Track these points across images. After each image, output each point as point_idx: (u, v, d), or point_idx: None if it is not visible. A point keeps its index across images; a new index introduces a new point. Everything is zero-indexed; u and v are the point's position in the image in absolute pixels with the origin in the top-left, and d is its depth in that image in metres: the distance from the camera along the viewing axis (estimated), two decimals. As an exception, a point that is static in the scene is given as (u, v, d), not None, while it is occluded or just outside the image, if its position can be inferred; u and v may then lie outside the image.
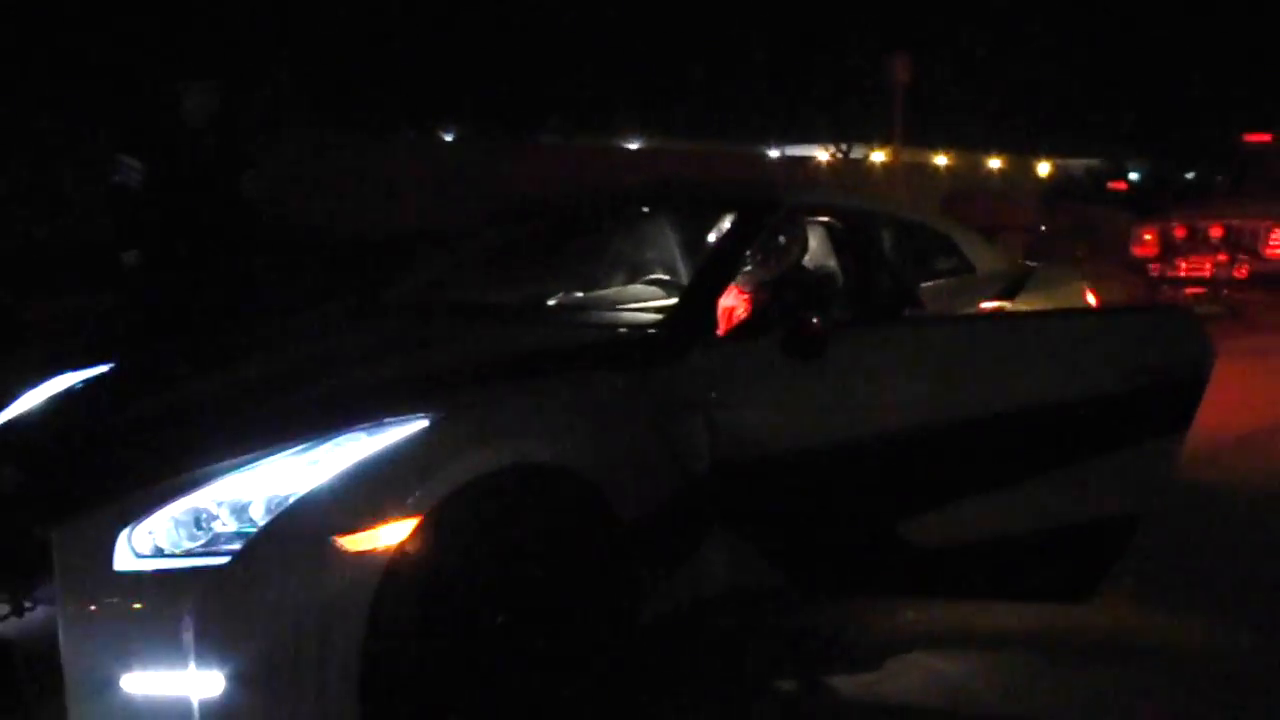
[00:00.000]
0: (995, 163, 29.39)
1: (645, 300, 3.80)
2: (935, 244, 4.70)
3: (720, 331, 3.61)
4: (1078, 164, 28.66)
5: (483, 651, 2.80)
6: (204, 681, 2.48)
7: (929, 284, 4.52)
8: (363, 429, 2.73)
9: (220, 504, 2.62)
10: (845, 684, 3.42)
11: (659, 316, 3.56)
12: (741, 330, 3.52)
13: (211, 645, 2.48)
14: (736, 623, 3.57)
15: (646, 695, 3.23)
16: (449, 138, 22.40)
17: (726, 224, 4.09)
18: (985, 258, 4.81)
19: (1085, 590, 3.31)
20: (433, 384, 3.00)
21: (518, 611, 2.85)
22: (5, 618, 2.71)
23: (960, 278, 4.67)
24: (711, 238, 4.07)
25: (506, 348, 3.34)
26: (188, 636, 2.48)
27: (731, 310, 3.91)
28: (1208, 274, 8.70)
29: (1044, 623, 3.65)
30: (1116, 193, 19.26)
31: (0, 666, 2.77)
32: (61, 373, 3.80)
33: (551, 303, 4.05)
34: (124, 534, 2.59)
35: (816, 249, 4.31)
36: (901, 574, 3.42)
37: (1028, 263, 5.57)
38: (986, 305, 4.52)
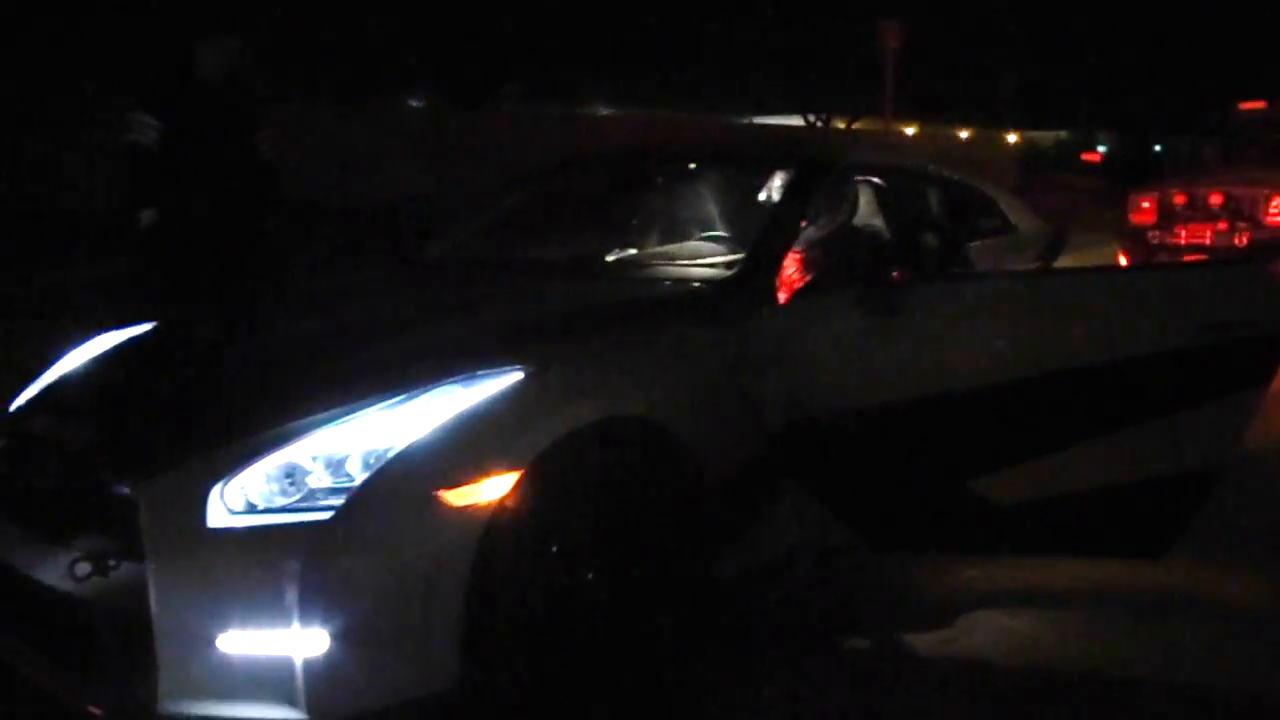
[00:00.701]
0: (964, 134, 29.48)
1: (704, 256, 3.74)
2: (978, 203, 4.67)
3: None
4: (1044, 136, 28.81)
5: (576, 605, 2.75)
6: (307, 639, 2.42)
7: (974, 243, 4.48)
8: (457, 381, 2.66)
9: (315, 458, 2.55)
10: (915, 640, 3.40)
11: (724, 273, 3.49)
12: (809, 287, 3.46)
13: (315, 602, 2.41)
14: (805, 579, 3.53)
15: (719, 649, 3.19)
16: (414, 105, 22.16)
17: (777, 181, 4.04)
18: (1025, 218, 4.79)
19: (1160, 547, 3.31)
20: (521, 337, 2.93)
21: (608, 565, 2.81)
22: (88, 577, 2.61)
23: (1003, 237, 4.65)
24: (763, 196, 4.02)
25: (583, 302, 3.28)
26: (291, 594, 2.41)
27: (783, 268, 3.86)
28: (1208, 241, 8.74)
29: (1112, 579, 3.65)
30: (1089, 164, 19.35)
31: (82, 629, 2.67)
32: (100, 333, 3.70)
33: (610, 259, 3.98)
34: (216, 489, 2.52)
35: (863, 208, 4.26)
36: (973, 531, 3.40)
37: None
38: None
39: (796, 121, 23.90)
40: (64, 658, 2.73)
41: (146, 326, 3.69)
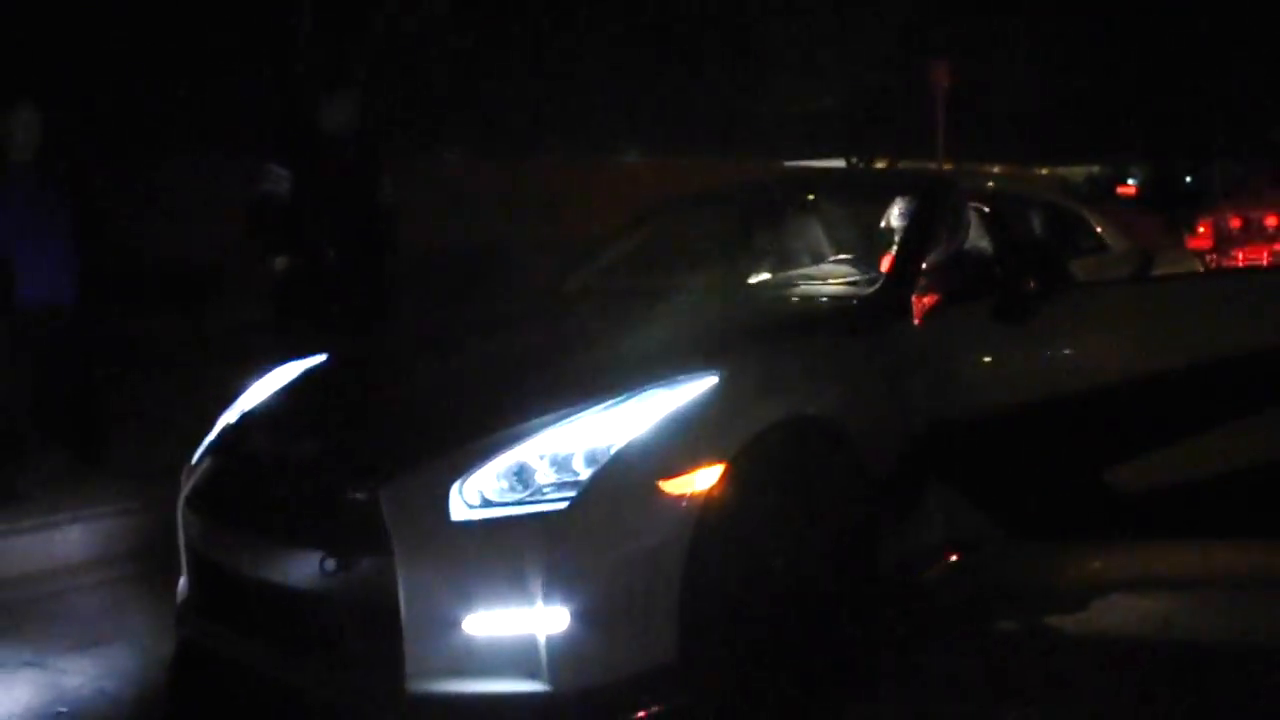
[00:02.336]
0: (995, 169, 29.74)
1: (839, 277, 4.03)
2: (1076, 225, 4.96)
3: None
4: (1075, 171, 29.04)
5: (769, 586, 3.01)
6: (549, 618, 2.68)
7: (1074, 261, 4.76)
8: (661, 385, 2.94)
9: (542, 457, 2.83)
10: (1056, 621, 3.65)
11: (867, 290, 3.78)
12: (947, 300, 3.75)
13: (557, 584, 2.67)
14: (951, 568, 3.78)
15: (881, 631, 3.43)
16: (448, 157, 22.54)
17: (897, 209, 4.33)
18: (1117, 238, 5.07)
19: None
20: (710, 346, 3.22)
21: (794, 549, 3.07)
22: (334, 572, 2.87)
23: (1099, 255, 4.93)
24: (888, 216, 4.31)
25: (752, 317, 3.58)
26: (533, 577, 2.68)
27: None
28: (1265, 261, 9.00)
29: (1237, 560, 3.88)
30: (1125, 197, 19.59)
31: (326, 624, 2.93)
32: (280, 364, 4.00)
33: (751, 282, 4.28)
34: (455, 487, 2.79)
35: (973, 230, 4.54)
36: (1107, 518, 3.65)
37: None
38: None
39: (838, 163, 24.27)
40: (307, 653, 2.98)
41: (321, 358, 3.99)
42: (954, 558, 3.58)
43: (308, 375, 3.80)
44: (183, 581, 3.52)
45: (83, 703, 3.46)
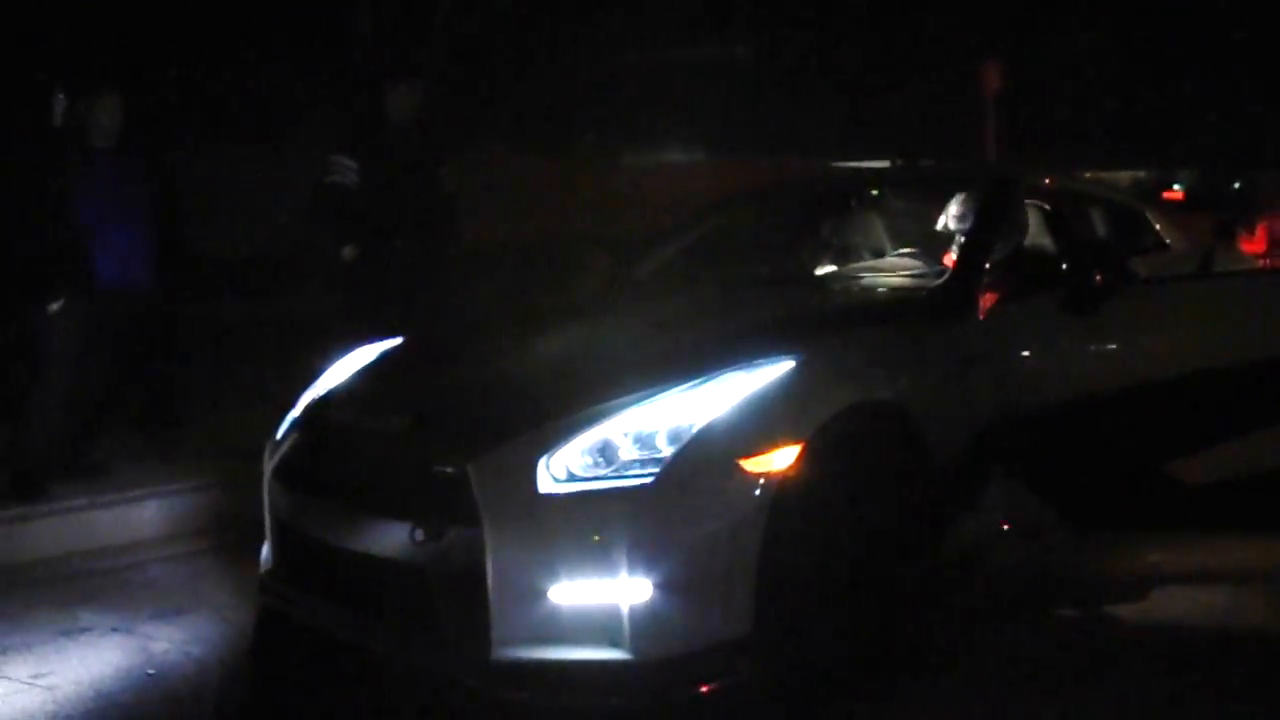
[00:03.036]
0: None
1: (904, 269, 4.12)
2: (1137, 222, 5.01)
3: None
4: (1120, 176, 28.83)
5: (838, 569, 3.11)
6: (634, 589, 2.78)
7: (1135, 258, 4.81)
8: (740, 368, 3.05)
9: (626, 434, 2.94)
10: (1116, 610, 3.72)
11: (934, 281, 3.87)
12: (1014, 292, 3.82)
13: (642, 556, 2.78)
14: (1015, 555, 3.86)
15: (938, 624, 3.52)
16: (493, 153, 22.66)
17: (956, 204, 4.40)
18: (1177, 237, 5.11)
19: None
20: (787, 332, 3.32)
21: (862, 535, 3.17)
22: (424, 543, 2.99)
23: (1160, 253, 4.97)
24: (945, 215, 4.38)
25: (824, 305, 3.68)
26: (618, 549, 2.79)
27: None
28: (1324, 263, 8.97)
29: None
30: (1173, 201, 19.44)
31: (414, 593, 3.04)
32: (357, 347, 4.13)
33: (819, 273, 4.37)
34: (542, 462, 2.91)
35: (1033, 227, 4.61)
36: (1168, 510, 3.72)
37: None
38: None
39: (883, 163, 24.26)
40: (393, 621, 3.11)
41: (397, 340, 4.12)
42: (1016, 546, 3.66)
43: (387, 356, 3.93)
44: (266, 551, 3.66)
45: (170, 666, 3.60)
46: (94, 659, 3.65)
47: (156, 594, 4.26)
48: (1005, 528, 3.64)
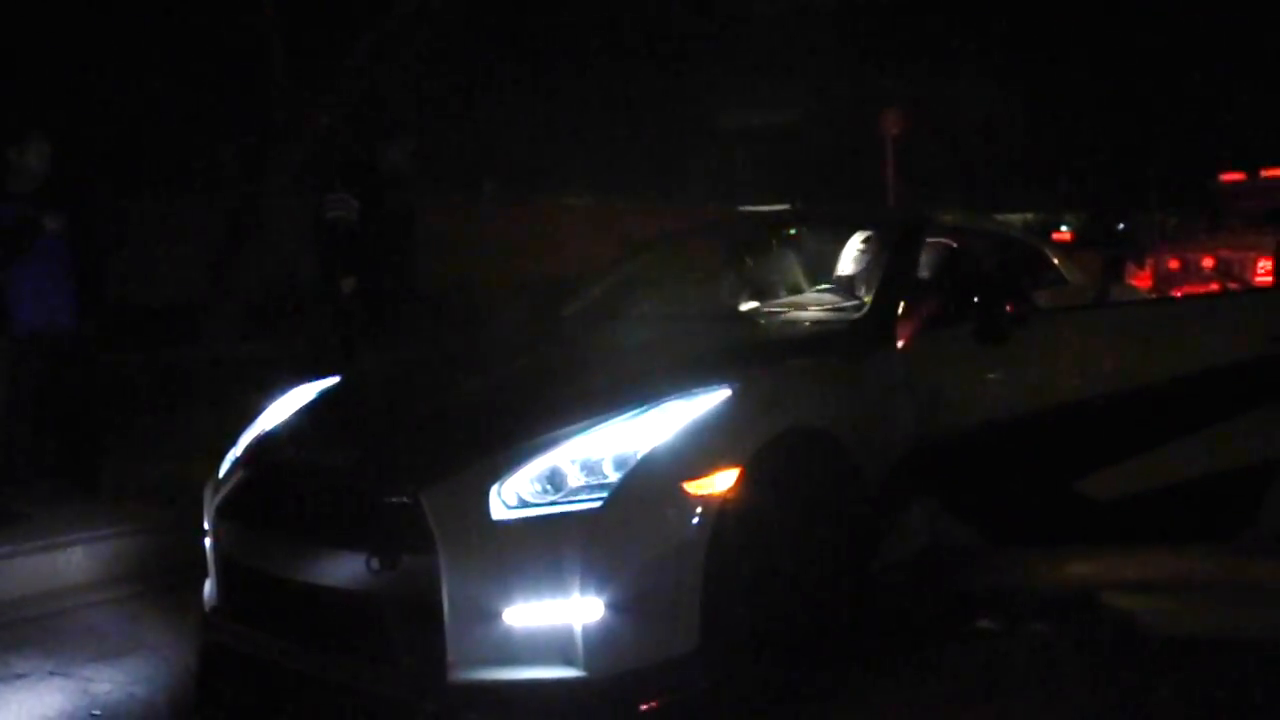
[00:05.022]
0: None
1: (824, 304, 4.33)
2: (1038, 259, 5.31)
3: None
4: (1012, 219, 29.81)
5: (777, 585, 3.26)
6: (586, 609, 2.90)
7: (1037, 292, 5.09)
8: (679, 396, 3.20)
9: (573, 461, 3.06)
10: (1036, 623, 3.92)
11: (854, 315, 4.08)
12: (929, 323, 4.04)
13: (593, 577, 2.90)
14: (934, 574, 4.05)
15: (871, 637, 3.69)
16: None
17: (859, 242, 4.65)
18: (1075, 273, 5.42)
19: (1232, 532, 3.88)
20: (720, 363, 3.48)
21: (798, 553, 3.33)
22: (378, 571, 3.06)
23: (1060, 287, 5.27)
24: (846, 256, 4.63)
25: (754, 338, 3.86)
26: (570, 570, 2.91)
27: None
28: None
29: (1193, 565, 4.19)
30: (1063, 243, 20.23)
31: (367, 620, 3.11)
32: (296, 385, 4.20)
33: (743, 309, 4.55)
34: (494, 490, 3.02)
35: (940, 263, 4.86)
36: (1079, 525, 3.96)
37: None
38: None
39: (784, 207, 24.81)
40: (349, 649, 3.16)
41: (334, 379, 4.20)
42: (938, 563, 3.86)
43: (326, 394, 4.01)
44: (209, 588, 3.69)
45: (115, 707, 3.61)
46: (35, 703, 3.65)
47: (92, 638, 4.24)
48: (928, 546, 3.84)
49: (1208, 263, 9.62)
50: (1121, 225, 25.49)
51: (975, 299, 3.88)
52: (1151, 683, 3.42)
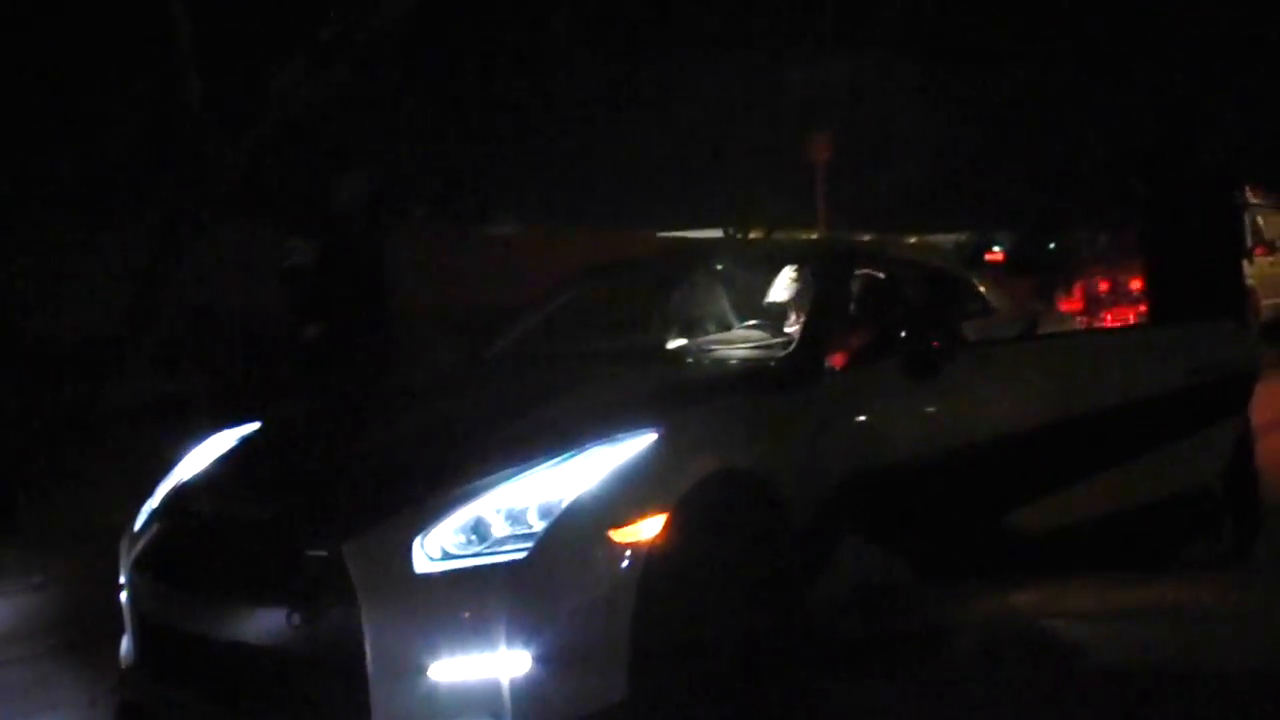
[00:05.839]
0: (865, 238, 30.69)
1: (751, 341, 4.31)
2: (964, 289, 5.33)
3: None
4: (943, 239, 30.13)
5: (708, 631, 3.22)
6: (513, 662, 2.84)
7: (965, 323, 5.11)
8: (603, 442, 3.15)
9: (498, 511, 3.00)
10: (966, 655, 3.93)
11: (781, 352, 4.06)
12: (856, 358, 4.04)
13: (519, 630, 2.84)
14: (867, 610, 4.03)
15: (808, 676, 3.66)
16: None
17: (788, 276, 4.64)
18: (1003, 302, 5.46)
19: (1167, 559, 3.92)
20: (645, 406, 3.43)
21: (728, 597, 3.29)
22: (300, 627, 2.98)
23: (987, 318, 5.30)
24: (775, 288, 4.62)
25: (679, 379, 3.82)
26: (496, 623, 2.84)
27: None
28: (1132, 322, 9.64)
29: (1126, 592, 4.21)
30: (994, 263, 20.52)
31: (286, 677, 3.03)
32: (215, 432, 4.10)
33: (669, 346, 4.52)
34: (416, 542, 2.95)
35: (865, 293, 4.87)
36: (1010, 559, 3.97)
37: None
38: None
39: (716, 233, 24.89)
40: (270, 708, 3.08)
41: (256, 424, 4.10)
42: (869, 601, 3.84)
43: (246, 441, 3.91)
44: (125, 645, 3.58)
45: (30, 770, 3.48)
46: (-55, 769, 3.51)
47: (6, 698, 4.10)
48: (858, 584, 3.82)
49: (1135, 285, 9.76)
50: (1052, 244, 25.91)
51: (902, 334, 3.87)
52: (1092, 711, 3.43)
